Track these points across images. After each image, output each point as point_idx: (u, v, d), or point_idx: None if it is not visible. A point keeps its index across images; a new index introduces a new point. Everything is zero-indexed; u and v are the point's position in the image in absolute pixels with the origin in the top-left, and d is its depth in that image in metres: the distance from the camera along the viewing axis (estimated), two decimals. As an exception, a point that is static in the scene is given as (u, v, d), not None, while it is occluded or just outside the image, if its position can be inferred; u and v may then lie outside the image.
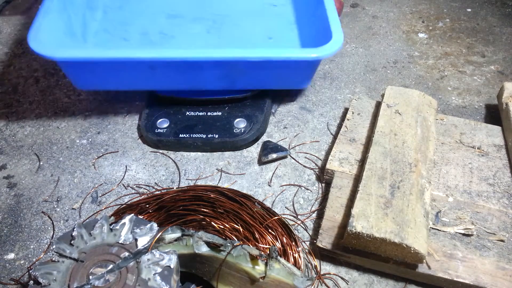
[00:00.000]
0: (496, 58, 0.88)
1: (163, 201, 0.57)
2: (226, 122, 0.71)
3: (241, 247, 0.48)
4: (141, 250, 0.45)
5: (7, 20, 1.06)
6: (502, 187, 0.59)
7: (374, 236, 0.49)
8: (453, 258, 0.52)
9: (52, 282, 0.43)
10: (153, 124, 0.71)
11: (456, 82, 0.83)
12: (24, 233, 0.61)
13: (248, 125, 0.70)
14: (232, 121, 0.71)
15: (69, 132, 0.75)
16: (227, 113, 0.72)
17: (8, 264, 0.57)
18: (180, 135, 0.70)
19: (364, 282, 0.54)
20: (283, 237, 0.53)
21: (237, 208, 0.55)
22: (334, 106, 0.78)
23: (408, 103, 0.67)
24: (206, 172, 0.68)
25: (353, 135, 0.67)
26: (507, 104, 0.69)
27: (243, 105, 0.74)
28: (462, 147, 0.65)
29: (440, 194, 0.59)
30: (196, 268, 0.50)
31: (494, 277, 0.50)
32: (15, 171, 0.69)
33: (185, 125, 0.71)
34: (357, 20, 1.00)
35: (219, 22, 0.85)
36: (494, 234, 0.54)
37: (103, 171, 0.69)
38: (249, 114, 0.72)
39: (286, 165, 0.68)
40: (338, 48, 0.63)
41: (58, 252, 0.45)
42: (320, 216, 0.61)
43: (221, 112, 0.73)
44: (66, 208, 0.63)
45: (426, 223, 0.51)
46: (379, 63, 0.88)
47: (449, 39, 0.93)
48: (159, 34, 0.82)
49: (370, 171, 0.57)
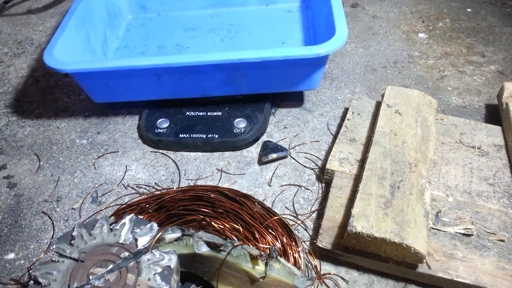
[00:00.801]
0: (496, 58, 0.88)
1: (163, 201, 0.57)
2: (226, 122, 0.71)
3: (241, 247, 0.48)
4: (141, 250, 0.45)
5: (7, 20, 1.06)
6: (502, 187, 0.59)
7: (374, 236, 0.49)
8: (453, 258, 0.52)
9: (52, 282, 0.43)
10: (153, 124, 0.71)
11: (456, 82, 0.83)
12: (24, 233, 0.61)
13: (248, 125, 0.70)
14: (232, 121, 0.71)
15: (69, 132, 0.75)
16: (227, 113, 0.73)
17: (8, 264, 0.57)
18: (180, 135, 0.70)
19: (364, 282, 0.54)
20: (283, 237, 0.53)
21: (237, 208, 0.55)
22: (334, 106, 0.78)
23: (408, 103, 0.67)
24: (206, 172, 0.68)
25: (353, 135, 0.67)
26: (507, 104, 0.69)
27: (243, 105, 0.74)
28: (462, 147, 0.65)
29: (440, 194, 0.59)
30: (196, 268, 0.50)
31: (494, 277, 0.50)
32: (15, 171, 0.69)
33: (185, 125, 0.71)
34: (357, 20, 1.00)
35: (233, 31, 0.87)
36: (494, 234, 0.54)
37: (103, 171, 0.69)
38: (249, 114, 0.72)
39: (286, 165, 0.68)
40: (341, 44, 0.62)
41: (58, 252, 0.45)
42: (320, 216, 0.61)
43: (221, 112, 0.73)
44: (66, 208, 0.63)
45: (426, 223, 0.51)
46: (379, 63, 0.88)
47: (449, 39, 0.93)
48: (175, 46, 0.85)
49: (370, 171, 0.57)
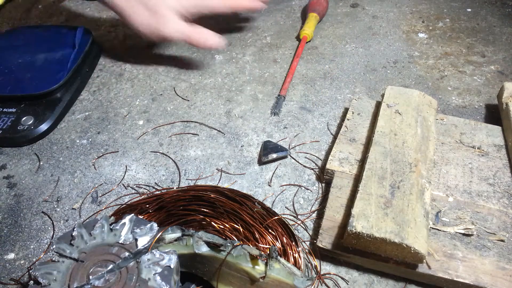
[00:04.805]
0: (496, 58, 0.88)
1: (163, 201, 0.57)
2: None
3: (241, 247, 0.48)
4: (141, 250, 0.45)
5: (7, 20, 1.06)
6: (502, 187, 0.59)
7: (374, 236, 0.49)
8: (453, 258, 0.52)
9: (52, 282, 0.43)
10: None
11: (456, 82, 0.83)
12: (24, 233, 0.61)
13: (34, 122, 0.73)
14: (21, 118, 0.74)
15: (69, 132, 0.75)
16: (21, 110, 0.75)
17: (8, 264, 0.57)
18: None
19: (364, 282, 0.54)
20: (283, 237, 0.53)
21: (237, 208, 0.55)
22: (334, 106, 0.78)
23: (408, 103, 0.67)
24: (206, 172, 0.68)
25: (353, 135, 0.67)
26: (507, 104, 0.69)
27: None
28: (462, 147, 0.65)
29: (440, 194, 0.59)
30: (196, 268, 0.50)
31: (494, 277, 0.50)
32: (15, 171, 0.69)
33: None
34: (357, 20, 1.00)
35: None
36: (494, 234, 0.54)
37: (103, 171, 0.69)
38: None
39: (286, 165, 0.68)
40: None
41: (58, 252, 0.45)
42: (320, 216, 0.61)
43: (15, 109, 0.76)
44: (66, 208, 0.63)
45: (426, 223, 0.51)
46: (379, 63, 0.88)
47: (449, 39, 0.93)
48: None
49: (370, 171, 0.57)
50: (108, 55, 0.93)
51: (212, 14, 0.83)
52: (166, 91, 0.83)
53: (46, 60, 0.81)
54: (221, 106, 0.79)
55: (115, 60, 0.91)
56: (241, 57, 0.91)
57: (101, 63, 0.91)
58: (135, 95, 0.83)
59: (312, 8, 0.96)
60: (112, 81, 0.86)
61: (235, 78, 0.86)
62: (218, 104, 0.80)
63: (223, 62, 0.90)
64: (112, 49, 0.95)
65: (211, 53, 0.92)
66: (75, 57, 0.81)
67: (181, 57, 0.92)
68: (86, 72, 0.85)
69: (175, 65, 0.90)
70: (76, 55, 0.82)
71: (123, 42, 0.97)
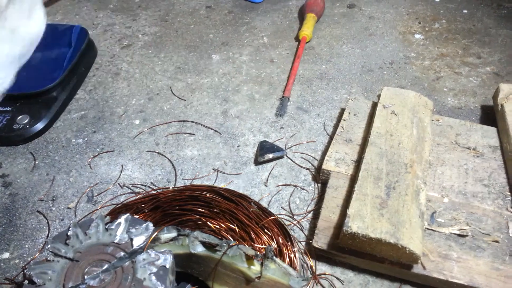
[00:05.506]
0: (491, 59, 0.88)
1: (159, 201, 0.57)
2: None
3: (237, 247, 0.48)
4: (136, 250, 0.45)
5: (3, 18, 1.05)
6: (497, 188, 0.60)
7: (369, 236, 0.49)
8: (448, 259, 0.52)
9: (47, 281, 0.43)
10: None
11: (452, 83, 0.83)
12: (19, 232, 0.60)
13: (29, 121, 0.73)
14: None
15: (64, 131, 0.75)
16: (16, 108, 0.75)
17: (2, 264, 0.57)
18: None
19: (359, 282, 0.54)
20: (279, 237, 0.53)
21: (233, 208, 0.55)
22: (331, 107, 0.78)
23: (404, 104, 0.67)
24: (203, 172, 0.68)
25: (349, 136, 0.67)
26: (503, 105, 0.69)
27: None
28: (458, 148, 0.65)
29: (435, 194, 0.59)
30: (191, 268, 0.50)
31: (489, 277, 0.50)
32: (10, 170, 0.69)
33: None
34: (353, 20, 1.00)
35: None
36: (488, 235, 0.54)
37: (99, 170, 0.68)
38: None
39: (282, 165, 0.68)
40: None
41: (53, 252, 0.45)
42: (316, 216, 0.61)
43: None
44: (61, 208, 0.63)
45: (421, 224, 0.51)
46: (376, 63, 0.88)
47: (445, 40, 0.94)
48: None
49: (366, 171, 0.57)
50: (104, 54, 0.92)
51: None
52: (163, 91, 0.83)
53: (42, 59, 0.80)
54: (218, 106, 0.79)
55: (112, 59, 0.91)
56: (238, 57, 0.91)
57: (97, 62, 0.90)
58: (131, 94, 0.82)
59: (309, 8, 0.96)
60: (108, 80, 0.86)
61: (231, 78, 0.86)
62: (214, 103, 0.80)
63: (220, 62, 0.90)
64: (109, 48, 0.94)
65: (208, 52, 0.92)
66: (71, 56, 0.81)
67: (177, 57, 0.92)
68: (82, 71, 0.85)
69: (171, 64, 0.90)
70: (72, 54, 0.82)
71: (120, 41, 0.97)
